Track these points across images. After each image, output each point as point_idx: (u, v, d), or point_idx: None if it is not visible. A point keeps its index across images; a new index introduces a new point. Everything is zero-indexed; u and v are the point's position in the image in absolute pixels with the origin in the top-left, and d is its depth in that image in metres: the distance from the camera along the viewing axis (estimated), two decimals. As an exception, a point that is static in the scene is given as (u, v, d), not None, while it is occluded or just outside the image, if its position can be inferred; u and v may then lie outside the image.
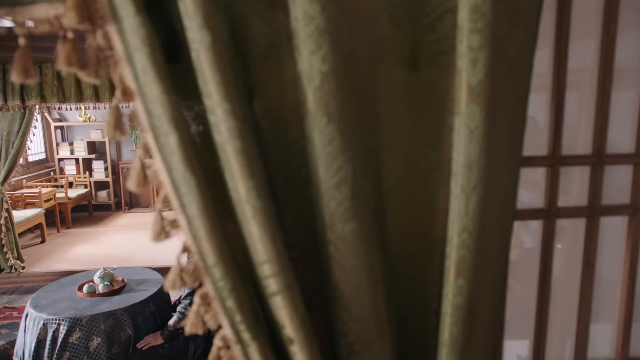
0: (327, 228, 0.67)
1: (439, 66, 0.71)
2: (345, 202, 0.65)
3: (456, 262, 0.69)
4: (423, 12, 0.69)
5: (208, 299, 0.68)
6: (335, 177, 0.64)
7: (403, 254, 0.77)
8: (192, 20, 0.58)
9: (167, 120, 0.60)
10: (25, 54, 0.62)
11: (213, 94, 0.60)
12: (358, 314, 0.69)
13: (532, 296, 1.12)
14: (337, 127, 0.63)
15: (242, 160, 0.60)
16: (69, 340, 2.35)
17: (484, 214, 0.68)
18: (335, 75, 0.62)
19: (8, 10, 0.61)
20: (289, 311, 0.65)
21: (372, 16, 0.66)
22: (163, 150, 0.63)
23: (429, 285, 0.79)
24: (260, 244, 0.63)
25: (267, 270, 0.64)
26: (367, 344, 0.70)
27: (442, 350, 0.73)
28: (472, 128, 0.65)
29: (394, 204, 0.74)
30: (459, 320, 0.70)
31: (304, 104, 0.64)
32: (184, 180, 0.62)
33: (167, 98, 0.59)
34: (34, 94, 4.04)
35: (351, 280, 0.68)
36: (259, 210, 0.61)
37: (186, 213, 0.64)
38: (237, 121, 0.60)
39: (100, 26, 0.62)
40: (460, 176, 0.67)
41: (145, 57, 0.58)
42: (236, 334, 0.68)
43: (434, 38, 0.70)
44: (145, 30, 0.58)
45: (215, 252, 0.63)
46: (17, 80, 0.62)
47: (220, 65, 0.58)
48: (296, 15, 0.61)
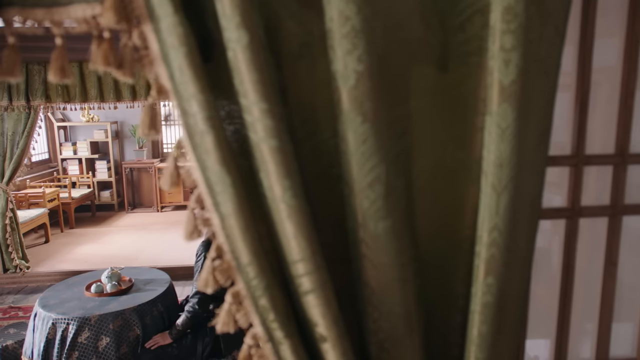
0: (359, 226, 0.67)
1: (468, 66, 0.71)
2: (378, 200, 0.65)
3: (486, 260, 0.70)
4: (453, 12, 0.69)
5: (239, 297, 0.68)
6: (369, 175, 0.65)
7: (430, 253, 0.77)
8: (229, 20, 0.58)
9: (203, 119, 0.60)
10: (61, 54, 0.62)
11: (249, 93, 0.60)
12: (388, 312, 0.70)
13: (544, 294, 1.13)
14: (371, 126, 0.63)
15: (278, 159, 0.61)
16: (78, 340, 2.35)
17: (514, 213, 0.69)
18: (369, 74, 0.62)
19: (46, 11, 0.61)
20: (322, 309, 0.65)
21: (404, 16, 0.66)
22: (197, 149, 0.63)
23: (455, 283, 0.79)
24: (294, 243, 0.63)
25: (300, 268, 0.64)
26: (397, 342, 0.71)
27: (470, 347, 0.73)
28: (504, 127, 0.66)
29: (422, 203, 0.74)
30: (488, 318, 0.71)
31: (337, 103, 0.64)
32: (218, 179, 0.62)
33: (204, 97, 0.60)
34: (39, 94, 4.04)
35: (382, 278, 0.68)
36: (294, 209, 0.62)
37: (219, 211, 0.65)
38: (274, 120, 0.60)
39: (136, 25, 0.62)
40: (490, 175, 0.68)
41: (182, 56, 0.59)
42: (267, 332, 0.68)
43: (463, 38, 0.70)
44: (182, 29, 0.58)
45: (249, 251, 0.63)
46: (54, 80, 0.62)
47: (257, 64, 0.59)
48: (331, 15, 0.61)
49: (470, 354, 0.73)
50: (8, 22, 0.62)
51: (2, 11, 0.62)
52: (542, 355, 1.31)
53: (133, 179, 6.74)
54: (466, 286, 0.79)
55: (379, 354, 0.71)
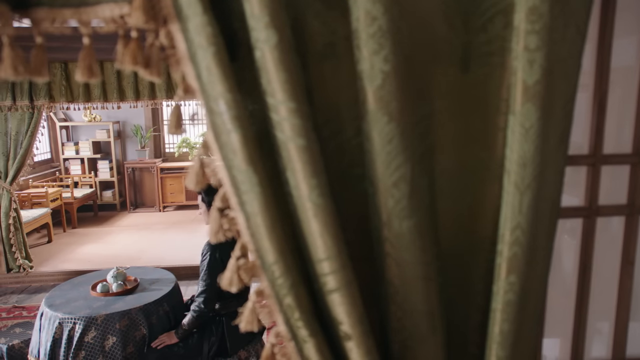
0: (383, 225, 0.67)
1: (489, 66, 0.72)
2: (403, 199, 0.66)
3: (508, 259, 0.70)
4: (475, 13, 0.70)
5: (263, 296, 0.69)
6: (394, 175, 0.65)
7: (450, 251, 0.77)
8: (258, 20, 0.59)
9: (230, 118, 0.61)
10: (89, 53, 0.63)
11: (277, 92, 0.60)
12: (412, 310, 0.70)
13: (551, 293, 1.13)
14: (397, 125, 0.64)
15: (305, 158, 0.61)
16: (85, 339, 2.35)
17: (536, 212, 0.69)
18: (396, 74, 0.62)
19: (74, 11, 0.62)
20: (347, 307, 0.65)
21: (429, 16, 0.67)
22: (224, 148, 0.63)
23: (474, 281, 0.80)
24: (320, 241, 0.64)
25: (326, 267, 0.65)
26: (420, 340, 0.71)
27: (491, 345, 0.74)
28: (527, 127, 0.66)
29: (443, 202, 0.75)
30: (510, 316, 0.71)
31: (363, 102, 0.64)
32: (245, 178, 0.62)
33: (231, 96, 0.60)
34: (42, 94, 4.05)
35: (406, 277, 0.69)
36: (320, 207, 0.62)
37: (245, 210, 0.65)
38: (302, 119, 0.61)
39: (163, 25, 0.62)
40: (513, 174, 0.68)
41: (211, 55, 0.59)
42: (291, 330, 0.68)
43: (484, 38, 0.71)
44: (211, 29, 0.59)
45: (275, 250, 0.64)
46: (82, 79, 0.62)
47: (285, 64, 0.59)
48: (358, 15, 0.62)
49: (492, 352, 0.74)
50: (36, 22, 0.62)
51: (30, 11, 0.62)
52: (549, 355, 1.32)
53: (135, 178, 6.75)
54: (485, 284, 0.79)
55: (402, 352, 0.72)
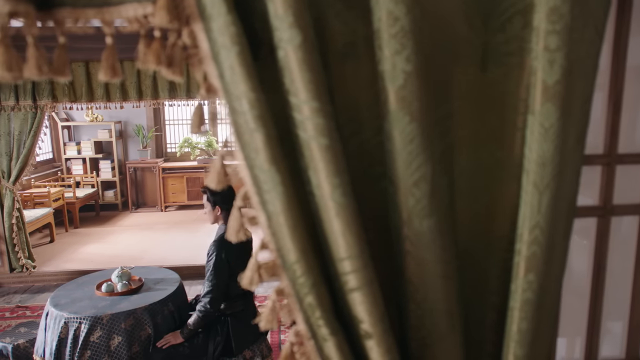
0: (403, 224, 0.68)
1: (507, 66, 0.72)
2: (423, 199, 0.66)
3: (527, 258, 0.71)
4: (494, 13, 0.70)
5: (284, 295, 0.69)
6: (415, 174, 0.65)
7: (466, 251, 0.78)
8: (282, 20, 0.59)
9: (253, 118, 0.61)
10: (112, 53, 0.63)
11: (300, 91, 0.61)
12: (431, 309, 0.70)
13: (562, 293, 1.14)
14: (418, 125, 0.64)
15: (328, 158, 0.61)
16: (90, 339, 2.35)
17: (555, 211, 0.70)
18: (417, 74, 0.63)
19: (97, 10, 0.62)
20: (368, 306, 0.66)
21: (449, 16, 0.67)
22: (246, 148, 0.64)
23: (490, 280, 0.80)
24: (341, 240, 0.64)
25: (347, 266, 0.65)
26: (439, 338, 0.72)
27: (509, 343, 0.74)
28: (547, 127, 0.66)
29: (461, 201, 0.75)
30: (528, 314, 0.72)
31: (384, 102, 0.65)
32: (267, 178, 0.63)
33: (255, 95, 0.60)
34: (46, 94, 4.05)
35: (426, 276, 0.69)
36: (342, 206, 0.63)
37: (266, 210, 0.65)
38: (325, 119, 0.61)
39: (185, 24, 0.63)
40: (532, 173, 0.68)
41: (234, 55, 0.59)
42: (311, 329, 0.69)
43: (503, 38, 0.71)
44: (235, 29, 0.59)
45: (297, 249, 0.64)
46: (104, 78, 0.63)
47: (309, 63, 0.59)
48: (380, 15, 0.62)
49: (509, 350, 0.74)
50: (59, 22, 0.63)
51: (53, 11, 0.62)
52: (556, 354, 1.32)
53: (137, 178, 6.75)
54: (501, 283, 0.79)
55: (421, 350, 0.72)
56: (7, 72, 0.57)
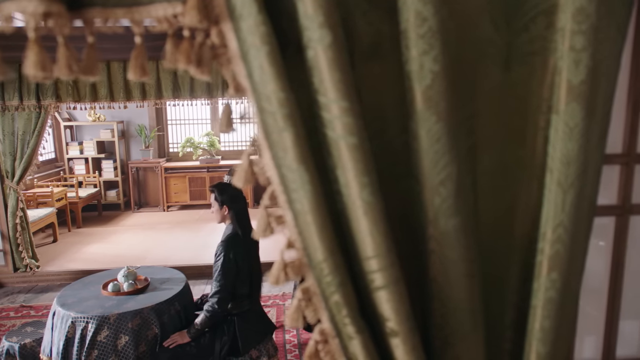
0: (429, 223, 0.68)
1: (530, 66, 0.72)
2: (449, 198, 0.66)
3: (550, 257, 0.71)
4: (518, 13, 0.71)
5: (309, 293, 0.69)
6: (442, 173, 0.66)
7: (486, 250, 0.78)
8: (312, 19, 0.59)
9: (282, 117, 0.61)
10: (141, 53, 0.63)
11: (329, 91, 0.61)
12: (455, 307, 0.71)
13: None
14: (444, 125, 0.64)
15: (357, 157, 0.62)
16: (97, 338, 2.35)
17: (578, 210, 0.70)
18: (444, 74, 0.63)
19: (126, 10, 0.62)
20: (395, 304, 0.66)
21: (475, 16, 0.68)
22: (274, 147, 0.64)
23: (510, 279, 0.80)
24: (369, 239, 0.64)
25: (374, 264, 0.65)
26: (462, 336, 0.72)
27: (531, 341, 0.75)
28: (572, 126, 0.67)
29: (483, 201, 0.76)
30: (551, 312, 0.72)
31: (411, 102, 0.65)
32: (296, 177, 0.63)
33: (284, 95, 0.61)
34: (49, 93, 4.05)
35: (450, 274, 0.69)
36: (371, 205, 0.63)
37: (293, 209, 0.66)
38: (353, 118, 0.61)
39: (214, 24, 0.63)
40: (557, 172, 0.69)
41: (264, 54, 0.60)
42: (336, 327, 0.69)
43: (526, 38, 0.72)
44: (265, 28, 0.59)
45: (325, 248, 0.64)
46: (133, 78, 0.63)
47: (339, 63, 0.60)
48: (407, 16, 0.62)
49: (532, 349, 0.75)
50: (88, 21, 0.63)
51: (83, 11, 0.62)
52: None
53: (139, 178, 6.75)
54: (521, 282, 0.80)
55: (444, 349, 0.73)
56: (41, 71, 0.57)
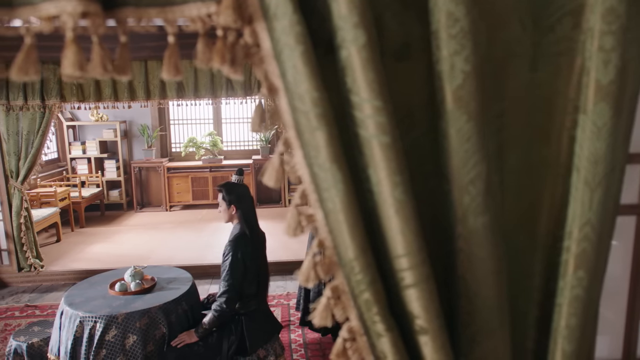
0: (457, 221, 0.69)
1: (555, 67, 0.73)
2: (478, 196, 0.67)
3: (576, 255, 0.72)
4: (545, 13, 0.71)
5: (338, 292, 0.70)
6: (471, 172, 0.66)
7: (511, 248, 0.79)
8: (346, 20, 0.60)
9: (316, 116, 0.62)
10: (174, 52, 0.64)
11: (362, 90, 0.61)
12: (482, 305, 0.71)
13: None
14: (475, 124, 0.65)
15: (389, 156, 0.62)
16: (105, 338, 2.35)
17: (605, 208, 0.71)
18: (475, 74, 0.64)
19: (159, 10, 0.63)
20: (424, 302, 0.67)
21: (504, 16, 0.68)
22: (306, 146, 0.64)
23: (533, 277, 0.81)
24: (400, 238, 0.65)
25: (404, 262, 0.66)
26: (489, 334, 0.73)
27: (557, 339, 0.75)
28: (600, 125, 0.67)
29: (508, 199, 0.76)
30: (578, 310, 0.73)
31: (441, 102, 0.66)
32: (328, 176, 0.63)
33: (318, 94, 0.61)
34: (54, 93, 4.05)
35: (478, 272, 0.70)
36: (403, 204, 0.63)
37: (324, 207, 0.66)
38: (387, 117, 0.62)
39: (247, 24, 0.63)
40: (584, 170, 0.69)
41: (299, 54, 0.60)
42: (365, 325, 0.70)
43: (552, 39, 0.72)
44: (300, 28, 0.60)
45: (356, 246, 0.65)
46: (168, 77, 0.63)
47: (373, 63, 0.60)
48: (439, 16, 0.63)
49: (557, 347, 0.75)
50: (121, 21, 0.63)
51: (116, 11, 0.63)
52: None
53: (142, 178, 6.75)
54: (544, 280, 0.80)
55: (471, 346, 0.73)
56: (79, 71, 0.58)
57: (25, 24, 0.60)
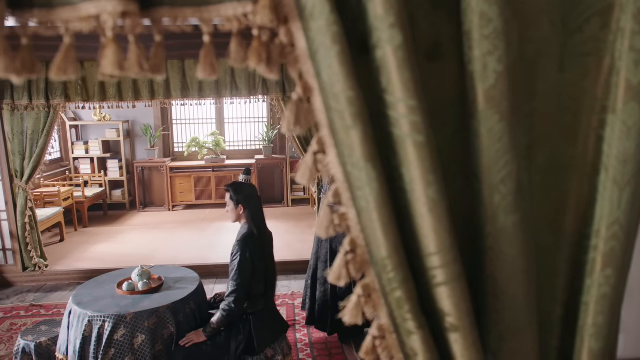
0: (487, 220, 0.69)
1: (583, 67, 0.74)
2: (509, 195, 0.68)
3: (604, 254, 0.72)
4: (573, 13, 0.72)
5: (369, 290, 0.70)
6: (502, 171, 0.67)
7: (538, 246, 0.79)
8: (382, 20, 0.60)
9: (351, 115, 0.62)
10: (210, 51, 0.64)
11: (397, 90, 0.62)
12: (511, 303, 0.72)
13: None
14: (507, 124, 0.65)
15: (423, 155, 0.63)
16: (114, 337, 2.36)
17: (633, 207, 0.71)
18: (508, 74, 0.64)
19: (195, 9, 0.63)
20: (456, 300, 0.67)
21: (534, 17, 0.69)
22: (341, 145, 0.65)
23: (558, 276, 0.82)
24: (433, 236, 0.65)
25: (436, 260, 0.66)
26: (517, 332, 0.73)
27: (584, 337, 0.76)
28: (630, 125, 0.68)
29: (534, 198, 0.77)
30: (605, 308, 0.73)
31: (473, 102, 0.66)
32: (362, 174, 0.64)
33: (353, 94, 0.62)
34: (59, 93, 4.06)
35: (508, 271, 0.70)
36: (436, 203, 0.64)
37: (357, 206, 0.67)
38: (421, 116, 0.62)
39: (283, 23, 0.64)
40: (612, 170, 0.70)
41: (335, 54, 0.61)
42: (395, 323, 0.70)
43: (579, 40, 0.73)
44: (337, 28, 0.60)
45: (390, 244, 0.65)
46: (202, 76, 0.64)
47: (408, 63, 0.61)
48: (472, 17, 0.63)
49: (584, 344, 0.76)
50: (156, 21, 0.64)
51: (152, 10, 0.63)
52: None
53: (144, 178, 6.75)
54: (569, 279, 0.81)
55: (499, 344, 0.74)
56: (118, 70, 0.58)
57: (64, 24, 0.60)
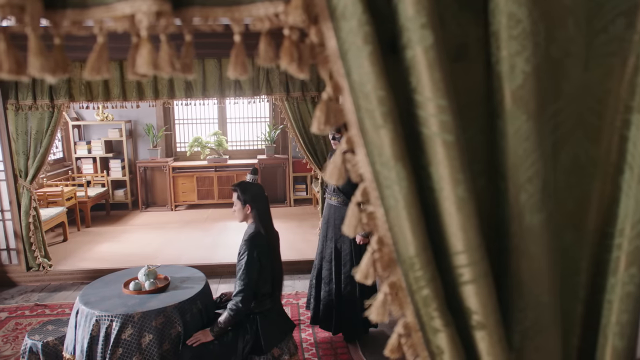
0: (512, 219, 0.70)
1: (607, 67, 0.74)
2: (535, 194, 0.68)
3: (629, 252, 0.73)
4: (599, 14, 0.72)
5: (395, 288, 0.71)
6: (529, 170, 0.67)
7: (560, 245, 0.80)
8: (413, 21, 0.61)
9: (381, 115, 0.63)
10: (241, 51, 0.64)
11: (426, 90, 0.63)
12: (536, 301, 0.72)
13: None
14: (534, 124, 0.66)
15: (452, 154, 0.63)
16: (122, 337, 2.36)
17: (658, 207, 0.72)
18: (535, 74, 0.65)
19: (226, 9, 0.64)
20: (482, 298, 0.68)
21: (560, 17, 0.69)
22: (370, 144, 0.65)
23: (580, 274, 0.82)
24: (460, 234, 0.66)
25: (463, 259, 0.67)
26: (541, 330, 0.74)
27: (607, 335, 0.76)
28: (655, 124, 0.69)
29: (558, 197, 0.77)
30: (630, 307, 0.74)
31: (500, 102, 0.67)
32: (392, 173, 0.65)
33: (384, 93, 0.62)
34: (63, 93, 4.06)
35: (532, 269, 0.71)
36: (465, 202, 0.65)
37: (385, 205, 0.67)
38: (450, 116, 0.63)
39: (313, 23, 0.64)
40: (638, 168, 0.71)
41: (367, 54, 0.61)
42: (421, 321, 0.71)
43: (604, 40, 0.73)
44: (369, 28, 0.61)
45: (418, 243, 0.66)
46: (233, 76, 0.64)
47: (439, 63, 0.61)
48: (500, 18, 0.64)
49: (607, 342, 0.76)
50: (186, 20, 0.64)
51: (183, 10, 0.64)
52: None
53: (147, 177, 6.75)
54: (590, 277, 0.82)
55: (523, 342, 0.74)
56: (152, 69, 0.59)
57: (98, 24, 0.61)
